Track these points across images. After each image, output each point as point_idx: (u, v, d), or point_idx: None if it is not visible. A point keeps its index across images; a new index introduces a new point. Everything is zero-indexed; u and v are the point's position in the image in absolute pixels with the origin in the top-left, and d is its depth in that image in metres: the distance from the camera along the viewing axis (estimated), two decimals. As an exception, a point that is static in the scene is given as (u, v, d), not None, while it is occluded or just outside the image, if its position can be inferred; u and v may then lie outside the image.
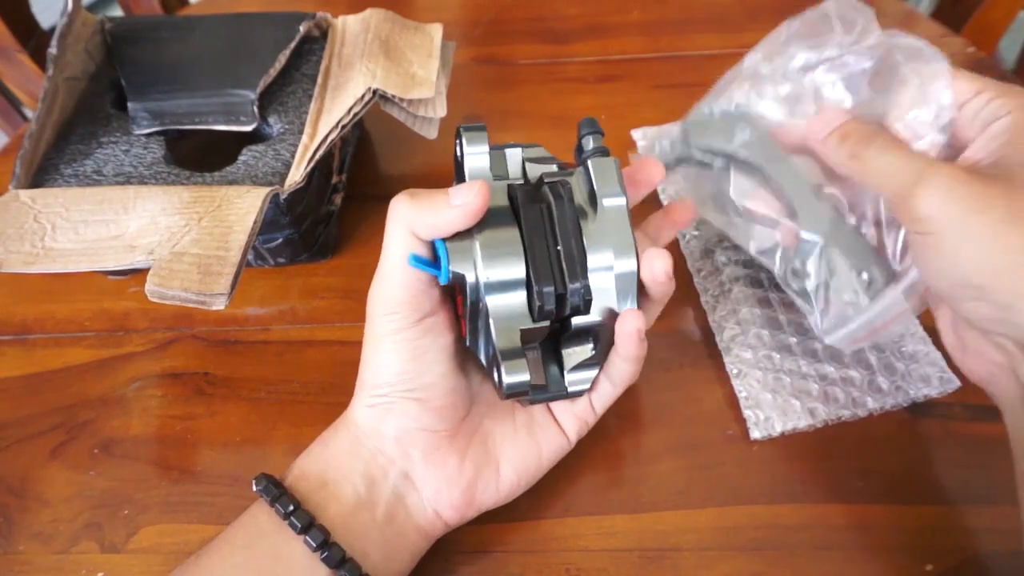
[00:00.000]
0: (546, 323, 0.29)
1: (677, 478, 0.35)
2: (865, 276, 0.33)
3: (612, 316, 0.30)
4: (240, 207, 0.35)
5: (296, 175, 0.39)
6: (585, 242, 0.29)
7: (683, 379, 0.39)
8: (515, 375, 0.28)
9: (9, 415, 0.39)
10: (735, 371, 0.38)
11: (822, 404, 0.36)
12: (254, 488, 0.30)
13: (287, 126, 0.41)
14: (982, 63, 0.56)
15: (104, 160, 0.40)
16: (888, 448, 0.36)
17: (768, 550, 0.33)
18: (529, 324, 0.29)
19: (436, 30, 0.47)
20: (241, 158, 0.40)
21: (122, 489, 0.36)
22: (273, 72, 0.42)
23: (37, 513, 0.35)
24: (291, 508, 0.29)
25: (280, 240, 0.42)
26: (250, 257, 0.44)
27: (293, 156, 0.40)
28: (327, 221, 0.46)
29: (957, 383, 0.37)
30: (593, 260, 0.29)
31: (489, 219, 0.28)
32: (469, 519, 0.32)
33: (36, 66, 0.65)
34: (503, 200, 0.30)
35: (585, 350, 0.31)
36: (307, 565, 0.28)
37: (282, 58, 0.43)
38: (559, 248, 0.29)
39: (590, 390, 0.33)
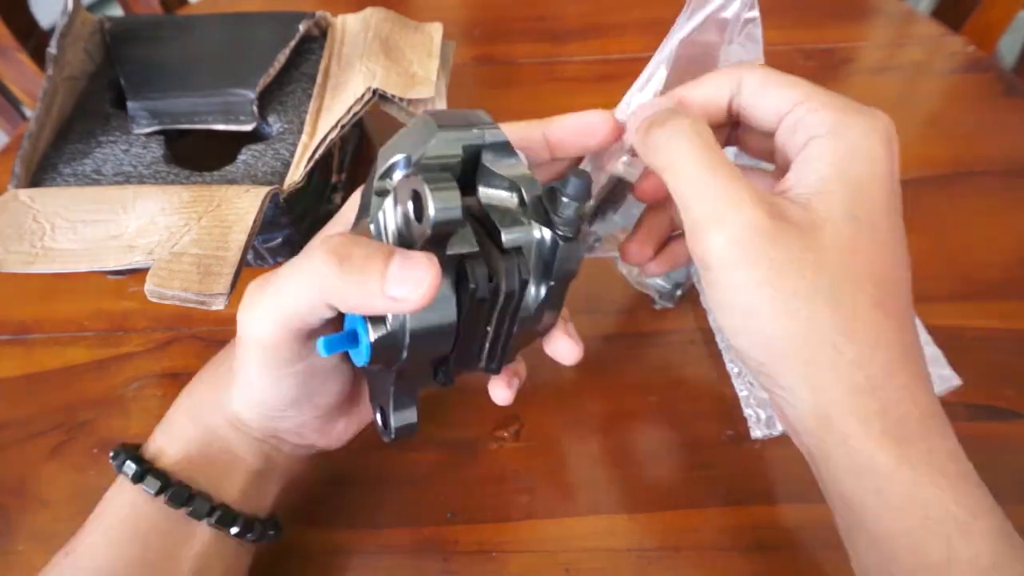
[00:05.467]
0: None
1: (677, 478, 0.35)
2: None
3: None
4: (239, 207, 0.35)
5: (296, 174, 0.39)
6: (517, 320, 0.26)
7: (683, 379, 0.39)
8: (403, 419, 0.27)
9: (8, 415, 0.39)
10: (735, 370, 0.38)
11: (822, 404, 0.36)
12: (129, 477, 0.28)
13: (287, 125, 0.41)
14: (981, 62, 0.56)
15: (103, 159, 0.40)
16: (888, 448, 0.36)
17: (768, 550, 0.33)
18: (429, 383, 0.27)
19: (436, 29, 0.46)
20: (240, 157, 0.40)
21: (122, 489, 0.36)
22: (272, 71, 0.42)
23: (36, 513, 0.35)
24: (187, 496, 0.27)
25: (279, 239, 0.42)
26: (249, 257, 0.44)
27: (292, 155, 0.40)
28: (327, 220, 0.45)
29: (958, 382, 0.37)
30: (518, 336, 0.27)
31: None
32: None
33: (35, 65, 0.65)
34: (449, 267, 0.24)
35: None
36: (213, 539, 0.28)
37: (281, 57, 0.43)
38: (488, 328, 0.26)
39: None
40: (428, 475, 0.36)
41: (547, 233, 0.25)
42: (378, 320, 0.24)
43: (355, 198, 0.29)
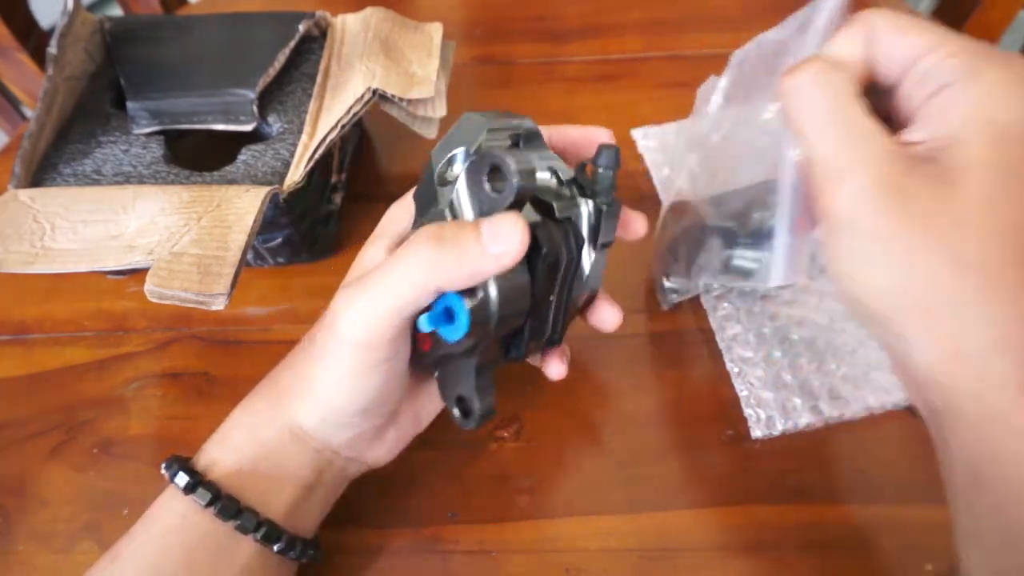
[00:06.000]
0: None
1: (677, 478, 0.35)
2: None
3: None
4: (239, 207, 0.35)
5: (296, 175, 0.39)
6: (575, 286, 0.29)
7: (683, 379, 0.39)
8: (487, 402, 0.29)
9: (8, 415, 0.39)
10: (736, 370, 0.38)
11: (824, 401, 0.36)
12: (180, 488, 0.28)
13: (287, 125, 0.41)
14: (982, 63, 0.56)
15: (103, 159, 0.40)
16: (888, 448, 0.36)
17: (768, 550, 0.33)
18: (501, 363, 0.30)
19: (436, 29, 0.46)
20: (240, 157, 0.40)
21: (121, 489, 0.36)
22: (272, 71, 0.42)
23: (36, 513, 0.35)
24: (235, 510, 0.28)
25: (279, 239, 0.42)
26: (249, 257, 0.44)
27: (292, 155, 0.40)
28: (327, 220, 0.46)
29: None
30: (574, 304, 0.30)
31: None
32: None
33: (35, 65, 0.65)
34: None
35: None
36: (257, 554, 0.28)
37: (281, 57, 0.43)
38: (552, 297, 0.28)
39: None
40: (428, 475, 0.36)
41: (590, 204, 0.29)
42: (469, 292, 0.26)
43: (392, 213, 0.31)
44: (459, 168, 0.27)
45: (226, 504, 0.28)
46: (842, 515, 0.34)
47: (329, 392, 0.28)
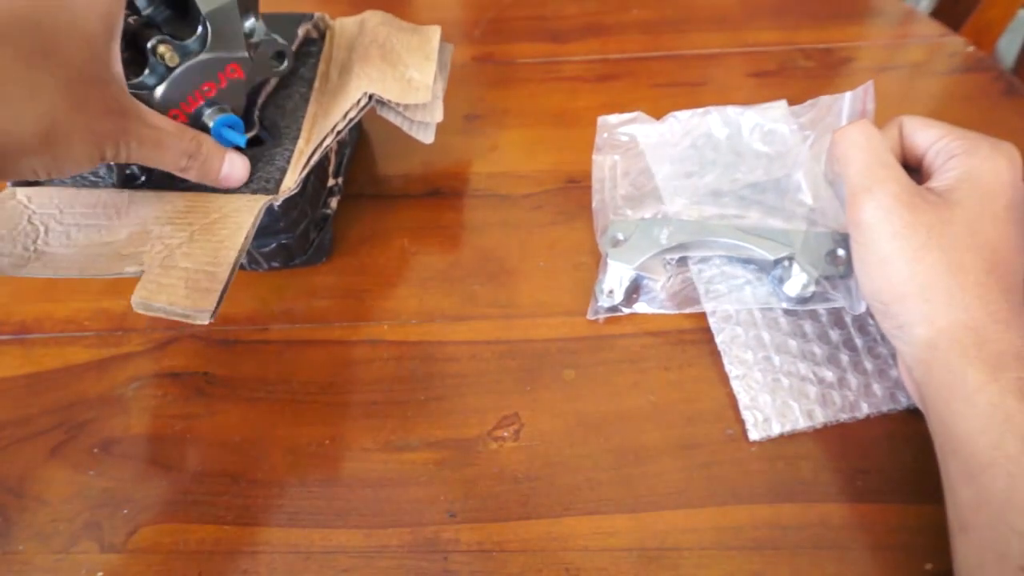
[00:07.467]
0: None
1: (677, 478, 0.35)
2: (841, 252, 0.38)
3: None
4: (234, 221, 0.35)
5: (291, 181, 0.39)
6: None
7: (683, 379, 0.39)
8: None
9: (8, 414, 0.39)
10: (734, 372, 0.38)
11: (819, 407, 0.36)
12: None
13: (283, 130, 0.41)
14: (981, 62, 0.56)
15: (103, 160, 0.40)
16: (888, 448, 0.36)
17: (768, 550, 0.33)
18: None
19: (434, 32, 0.46)
20: (238, 160, 0.40)
21: (121, 489, 0.36)
22: (271, 73, 0.42)
23: (36, 513, 0.35)
24: None
25: (273, 245, 0.42)
26: (243, 261, 0.44)
27: (288, 161, 0.40)
28: (322, 225, 0.45)
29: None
30: None
31: None
32: None
33: (35, 66, 0.65)
34: None
35: None
36: None
37: (280, 59, 0.43)
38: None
39: None
40: (428, 475, 0.36)
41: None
42: None
43: None
44: None
45: None
46: (842, 515, 0.34)
47: None
